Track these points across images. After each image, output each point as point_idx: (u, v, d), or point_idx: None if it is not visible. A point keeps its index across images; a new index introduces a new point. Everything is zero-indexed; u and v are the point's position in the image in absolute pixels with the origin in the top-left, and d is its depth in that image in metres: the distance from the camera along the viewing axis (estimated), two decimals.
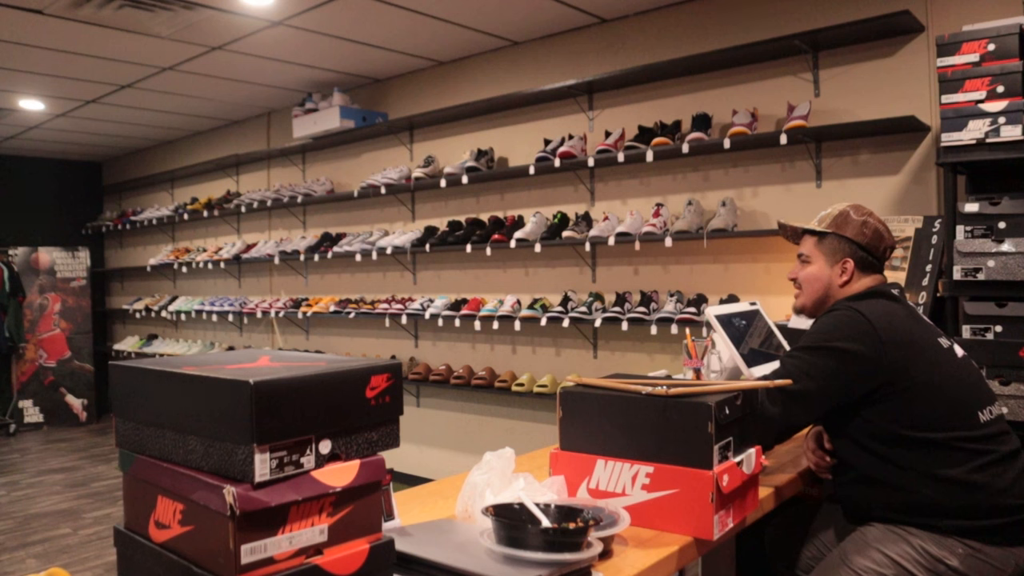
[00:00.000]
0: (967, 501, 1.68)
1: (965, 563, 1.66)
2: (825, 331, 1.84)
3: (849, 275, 1.97)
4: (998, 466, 1.72)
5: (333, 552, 1.01)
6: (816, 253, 2.02)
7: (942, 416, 1.75)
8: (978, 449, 1.72)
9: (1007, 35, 2.74)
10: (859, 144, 3.56)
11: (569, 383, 1.68)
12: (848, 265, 1.97)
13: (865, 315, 1.81)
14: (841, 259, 1.98)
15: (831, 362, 1.78)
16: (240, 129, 6.87)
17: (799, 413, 1.80)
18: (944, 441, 1.72)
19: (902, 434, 1.74)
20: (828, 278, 1.99)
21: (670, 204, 4.12)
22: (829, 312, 1.91)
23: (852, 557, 1.76)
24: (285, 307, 5.99)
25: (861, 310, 1.83)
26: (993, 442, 1.75)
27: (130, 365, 1.13)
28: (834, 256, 1.99)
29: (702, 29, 4.01)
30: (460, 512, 1.56)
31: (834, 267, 1.99)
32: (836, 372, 1.78)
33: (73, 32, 4.36)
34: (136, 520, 1.10)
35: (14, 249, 7.67)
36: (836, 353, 1.78)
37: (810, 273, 2.02)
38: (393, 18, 4.28)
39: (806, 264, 2.04)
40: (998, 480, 1.70)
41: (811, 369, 1.78)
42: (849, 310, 1.85)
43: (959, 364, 1.87)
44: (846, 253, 1.98)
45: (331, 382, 1.03)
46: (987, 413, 1.80)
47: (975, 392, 1.84)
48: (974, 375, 1.91)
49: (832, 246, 1.99)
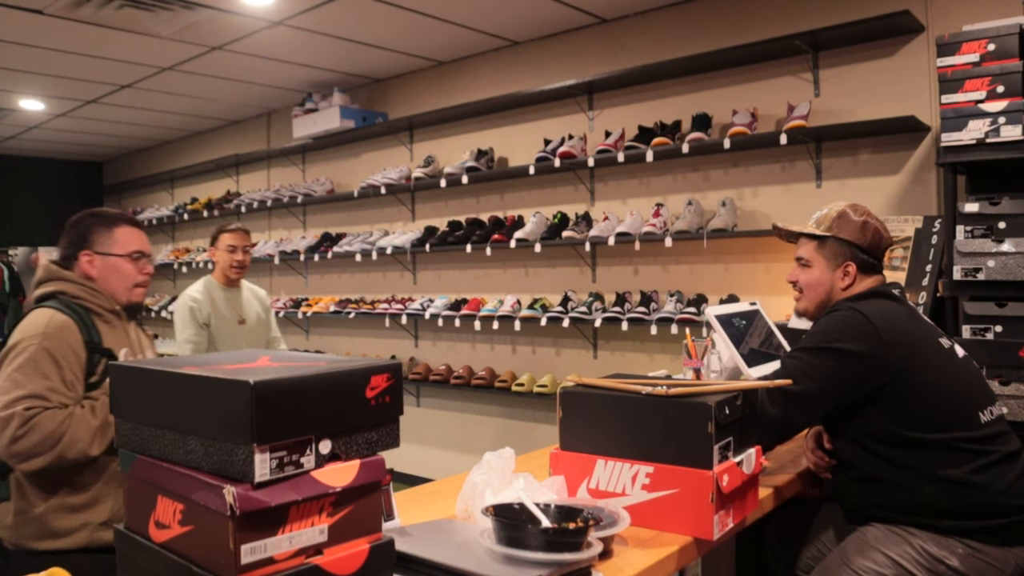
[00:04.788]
0: (967, 501, 1.68)
1: (965, 563, 1.66)
2: (826, 332, 1.84)
3: (852, 279, 1.96)
4: (998, 467, 1.71)
5: (333, 552, 1.01)
6: (817, 257, 1.99)
7: (942, 416, 1.74)
8: (978, 450, 1.72)
9: (1007, 35, 2.74)
10: (859, 144, 3.56)
11: (569, 383, 1.68)
12: (850, 269, 1.96)
13: (866, 315, 1.80)
14: (843, 263, 1.96)
15: (832, 363, 1.78)
16: (240, 129, 6.87)
17: (799, 414, 1.80)
18: (944, 441, 1.72)
19: (902, 434, 1.74)
20: (830, 282, 1.98)
21: (670, 204, 4.12)
22: (830, 312, 1.90)
23: (852, 557, 1.76)
24: (285, 307, 5.99)
25: (862, 310, 1.82)
26: (994, 442, 1.75)
27: (130, 365, 1.13)
28: (835, 260, 1.97)
29: (702, 29, 4.01)
30: (460, 512, 1.56)
31: (836, 271, 1.97)
32: (836, 373, 1.77)
33: (73, 32, 4.36)
34: (136, 520, 1.10)
35: (14, 249, 7.66)
36: (837, 354, 1.78)
37: (812, 278, 2.00)
38: (393, 18, 4.28)
39: (807, 268, 2.01)
40: (998, 481, 1.70)
41: (812, 370, 1.78)
42: (850, 311, 1.84)
43: (960, 364, 1.87)
44: (847, 256, 1.96)
45: (331, 382, 1.02)
46: (988, 413, 1.80)
47: (976, 392, 1.83)
48: (974, 376, 1.90)
49: (833, 250, 1.97)
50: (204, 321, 3.50)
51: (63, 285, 2.09)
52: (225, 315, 3.58)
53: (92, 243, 2.13)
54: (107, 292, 2.12)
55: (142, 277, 2.18)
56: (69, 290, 2.08)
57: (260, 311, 3.77)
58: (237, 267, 3.63)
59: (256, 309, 3.75)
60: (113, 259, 2.13)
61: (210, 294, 3.58)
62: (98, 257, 2.12)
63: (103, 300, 2.10)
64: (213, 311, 3.54)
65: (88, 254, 2.12)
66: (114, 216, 2.20)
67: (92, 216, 2.18)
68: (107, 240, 2.13)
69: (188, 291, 3.60)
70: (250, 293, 3.78)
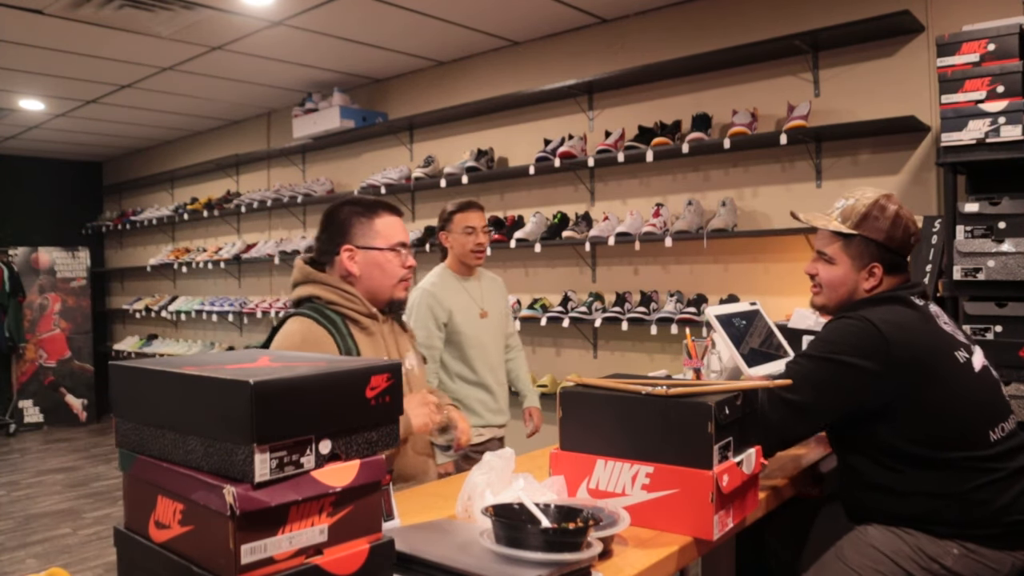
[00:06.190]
0: (966, 517, 1.67)
1: (960, 563, 1.66)
2: (834, 341, 1.76)
3: (878, 280, 1.84)
4: (1002, 483, 1.68)
5: (333, 552, 1.01)
6: (841, 256, 1.86)
7: (949, 436, 1.69)
8: (984, 468, 1.68)
9: (1007, 35, 2.74)
10: (859, 144, 3.56)
11: (569, 383, 1.68)
12: (876, 270, 1.84)
13: (879, 328, 1.70)
14: (868, 263, 1.84)
15: (834, 375, 1.72)
16: (240, 129, 6.87)
17: (800, 425, 1.77)
18: (950, 461, 1.68)
19: (907, 451, 1.70)
20: (854, 283, 1.86)
21: (670, 204, 4.12)
22: (842, 318, 1.80)
23: (848, 554, 1.75)
24: (285, 307, 5.99)
25: (876, 322, 1.72)
26: (1002, 460, 1.70)
27: (130, 365, 1.12)
28: (861, 260, 1.84)
29: (702, 29, 4.01)
30: (460, 512, 1.56)
31: (860, 272, 1.85)
32: (838, 386, 1.72)
33: (73, 32, 4.36)
34: (136, 520, 1.10)
35: (14, 249, 7.66)
36: (841, 367, 1.71)
37: (835, 277, 1.87)
38: (393, 18, 4.28)
39: (829, 265, 1.88)
40: (1001, 497, 1.67)
41: (814, 379, 1.73)
42: (863, 321, 1.73)
43: (974, 379, 1.77)
44: (874, 257, 1.83)
45: (331, 382, 1.02)
46: (999, 431, 1.73)
47: (988, 410, 1.75)
48: (990, 390, 1.81)
49: (859, 249, 1.84)
50: (444, 320, 3.02)
51: (317, 289, 1.93)
52: (466, 309, 3.08)
53: (353, 236, 1.94)
54: (367, 291, 1.96)
55: (405, 271, 1.99)
56: (323, 295, 1.92)
57: (501, 303, 3.27)
58: (477, 251, 3.10)
59: (498, 301, 3.24)
60: (375, 253, 1.94)
61: (449, 287, 3.09)
62: (360, 252, 1.94)
63: (359, 304, 1.94)
64: (454, 306, 3.04)
65: (349, 249, 1.94)
66: (373, 203, 2.01)
67: (351, 205, 1.99)
68: (368, 232, 1.95)
69: (423, 284, 3.09)
70: (491, 282, 3.28)
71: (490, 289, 3.23)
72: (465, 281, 3.14)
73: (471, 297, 3.11)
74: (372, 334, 1.97)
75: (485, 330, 3.11)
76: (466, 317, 3.06)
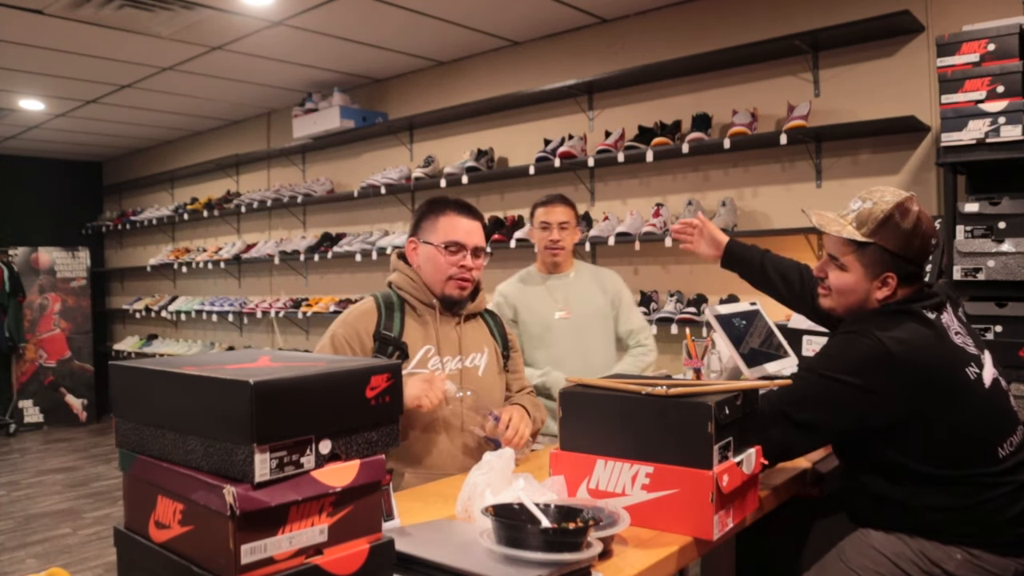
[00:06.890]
0: (971, 528, 1.66)
1: (963, 568, 1.65)
2: (841, 359, 1.70)
3: (891, 290, 1.74)
4: (1009, 497, 1.67)
5: (333, 552, 1.01)
6: (854, 263, 1.76)
7: (958, 455, 1.67)
8: (992, 483, 1.66)
9: (1007, 35, 2.75)
10: (859, 144, 3.56)
11: (569, 383, 1.68)
12: (891, 280, 1.73)
13: (889, 348, 1.63)
14: (882, 273, 1.73)
15: (839, 395, 1.67)
16: (240, 129, 6.87)
17: (802, 442, 1.75)
18: (958, 478, 1.66)
19: (913, 468, 1.68)
20: (866, 292, 1.76)
21: (670, 204, 4.12)
22: (851, 333, 1.72)
23: (849, 555, 1.75)
24: (285, 307, 5.99)
25: (886, 341, 1.64)
26: (1009, 474, 1.68)
27: (130, 365, 1.13)
28: (875, 268, 1.74)
29: (702, 29, 4.01)
30: (460, 512, 1.56)
31: (873, 281, 1.75)
32: (842, 405, 1.68)
33: (73, 32, 4.36)
34: (136, 520, 1.10)
35: (14, 249, 7.66)
36: (843, 387, 1.66)
37: (846, 284, 1.78)
38: (393, 18, 4.28)
39: (841, 271, 1.78)
40: (1007, 510, 1.66)
41: (818, 396, 1.69)
42: (873, 339, 1.65)
43: (985, 395, 1.73)
44: (889, 267, 1.73)
45: (331, 382, 1.03)
46: (1008, 446, 1.70)
47: (998, 426, 1.72)
48: (1000, 406, 1.76)
49: (873, 258, 1.73)
50: (512, 318, 2.94)
51: (394, 275, 2.14)
52: (538, 310, 2.97)
53: (419, 230, 2.12)
54: (426, 282, 2.09)
55: (455, 270, 2.06)
56: (395, 280, 2.13)
57: (600, 302, 3.04)
58: (551, 248, 2.96)
59: (593, 299, 3.02)
60: (429, 248, 2.08)
61: (525, 286, 3.01)
62: (421, 245, 2.11)
63: (420, 292, 2.09)
64: (521, 304, 2.96)
65: (414, 241, 2.13)
66: (446, 203, 2.13)
67: (429, 203, 2.15)
68: (431, 228, 2.10)
69: (501, 284, 3.06)
70: (590, 280, 3.07)
71: (583, 287, 3.03)
72: (547, 279, 3.02)
73: (551, 297, 2.98)
74: (425, 322, 2.10)
75: (562, 332, 2.95)
76: (536, 317, 2.95)
